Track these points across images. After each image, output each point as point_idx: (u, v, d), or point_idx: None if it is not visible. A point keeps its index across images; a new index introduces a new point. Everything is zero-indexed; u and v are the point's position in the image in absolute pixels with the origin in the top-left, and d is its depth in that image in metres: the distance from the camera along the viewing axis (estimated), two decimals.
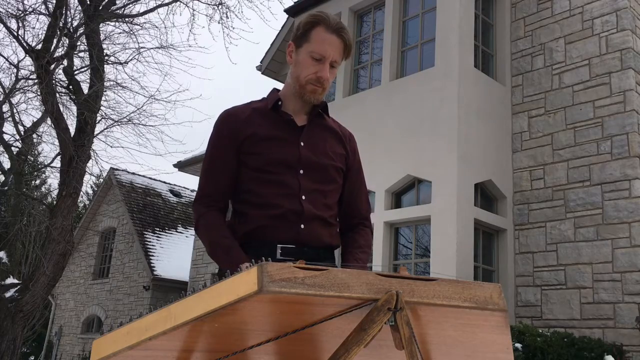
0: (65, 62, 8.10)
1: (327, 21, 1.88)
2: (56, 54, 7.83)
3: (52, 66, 7.70)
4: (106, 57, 8.48)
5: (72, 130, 8.06)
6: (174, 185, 20.53)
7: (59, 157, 8.49)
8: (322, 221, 1.90)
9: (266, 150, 1.88)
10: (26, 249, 12.98)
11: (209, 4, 9.01)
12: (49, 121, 9.34)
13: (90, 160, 8.11)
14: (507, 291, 7.54)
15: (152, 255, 16.34)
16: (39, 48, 7.65)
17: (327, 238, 1.92)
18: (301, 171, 1.89)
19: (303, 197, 1.86)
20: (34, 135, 10.53)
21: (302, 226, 1.84)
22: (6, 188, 10.58)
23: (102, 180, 18.87)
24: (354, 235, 2.02)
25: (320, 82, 1.88)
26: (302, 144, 1.92)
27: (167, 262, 16.30)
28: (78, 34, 8.17)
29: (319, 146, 1.95)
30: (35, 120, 10.27)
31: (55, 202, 8.63)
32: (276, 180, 1.87)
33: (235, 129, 1.91)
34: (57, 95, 7.98)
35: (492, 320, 1.33)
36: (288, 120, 1.94)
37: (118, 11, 8.56)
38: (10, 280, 8.54)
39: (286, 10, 10.58)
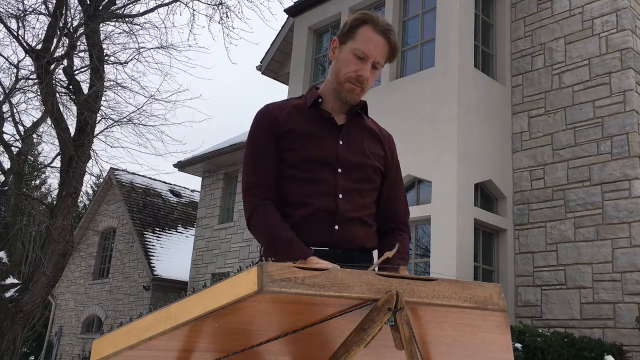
0: (65, 62, 8.10)
1: (375, 21, 1.85)
2: (56, 54, 7.83)
3: (52, 66, 7.69)
4: (106, 57, 8.48)
5: (72, 130, 8.06)
6: (174, 185, 20.53)
7: (59, 157, 8.49)
8: (358, 221, 1.84)
9: (303, 147, 1.84)
10: (26, 249, 12.96)
11: (209, 4, 9.01)
12: (49, 121, 9.33)
13: (90, 160, 8.11)
14: (507, 291, 7.54)
15: (152, 255, 16.34)
16: (39, 48, 7.64)
17: (363, 239, 1.85)
18: (339, 170, 1.85)
19: (340, 196, 1.82)
20: (34, 135, 10.52)
21: (337, 227, 1.79)
22: (6, 188, 10.57)
23: (102, 180, 18.85)
24: (391, 241, 1.91)
25: (360, 82, 1.85)
26: (340, 142, 1.88)
27: (167, 262, 16.31)
28: (78, 34, 8.16)
29: (358, 146, 1.91)
30: (35, 120, 10.26)
31: (55, 202, 8.63)
32: (312, 178, 1.82)
33: (276, 123, 1.87)
34: (57, 95, 7.97)
35: (492, 320, 1.33)
36: (327, 118, 1.90)
37: (118, 11, 8.55)
38: (10, 280, 8.52)
39: (286, 10, 10.59)
